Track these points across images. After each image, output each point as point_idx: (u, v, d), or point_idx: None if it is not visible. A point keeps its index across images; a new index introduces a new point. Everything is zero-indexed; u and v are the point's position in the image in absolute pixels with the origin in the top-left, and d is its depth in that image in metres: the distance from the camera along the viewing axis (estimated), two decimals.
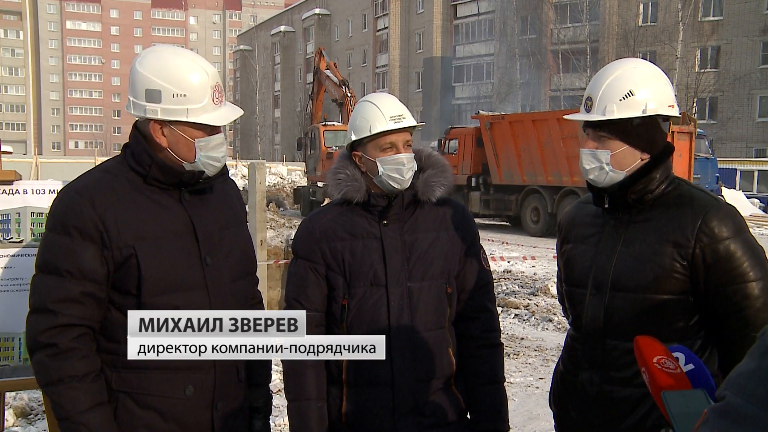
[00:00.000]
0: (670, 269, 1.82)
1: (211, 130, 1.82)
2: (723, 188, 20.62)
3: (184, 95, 1.76)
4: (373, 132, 1.98)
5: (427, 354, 2.00)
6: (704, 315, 1.85)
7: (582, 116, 1.92)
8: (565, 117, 2.20)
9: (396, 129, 1.98)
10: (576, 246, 2.04)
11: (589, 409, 1.95)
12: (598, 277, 1.93)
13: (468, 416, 2.11)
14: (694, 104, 33.41)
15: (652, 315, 1.84)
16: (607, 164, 1.88)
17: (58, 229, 1.74)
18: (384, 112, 1.99)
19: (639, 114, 1.85)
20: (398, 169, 1.98)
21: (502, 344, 2.17)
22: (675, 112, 1.91)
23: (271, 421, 2.16)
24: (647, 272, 1.84)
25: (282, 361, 2.05)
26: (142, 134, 1.82)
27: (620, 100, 1.85)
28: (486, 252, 2.19)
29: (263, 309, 2.14)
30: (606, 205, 1.94)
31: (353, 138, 2.03)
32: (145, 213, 1.78)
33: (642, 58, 2.31)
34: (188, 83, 1.76)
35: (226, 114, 1.83)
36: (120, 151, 1.88)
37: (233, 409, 1.92)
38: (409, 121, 2.01)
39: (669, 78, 2.17)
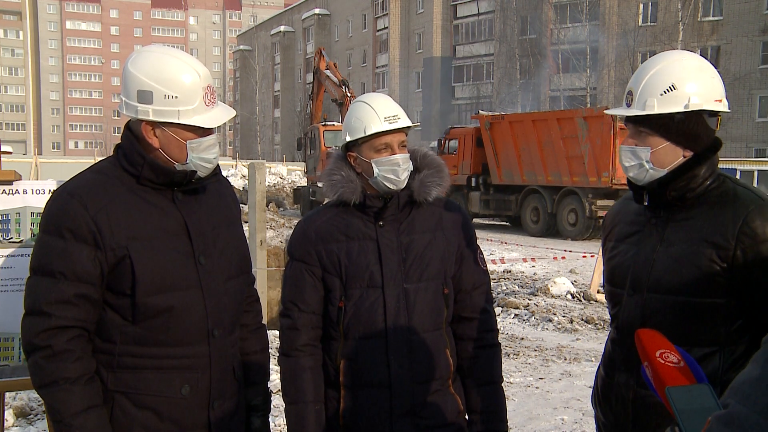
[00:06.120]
0: (709, 272, 1.72)
1: (203, 131, 1.81)
2: None
3: (176, 97, 1.74)
4: (368, 133, 1.96)
5: (424, 355, 1.99)
6: (748, 320, 1.75)
7: (621, 111, 1.84)
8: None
9: (391, 130, 1.97)
10: (617, 245, 1.96)
11: (624, 412, 1.90)
12: (636, 278, 1.85)
13: (466, 417, 2.10)
14: None
15: (691, 318, 1.75)
16: (647, 161, 1.79)
17: (51, 231, 1.73)
18: (378, 112, 1.97)
19: (681, 109, 1.74)
20: (393, 170, 1.97)
21: (500, 344, 2.16)
22: (723, 107, 1.78)
23: (270, 421, 2.15)
24: (685, 274, 1.75)
25: (279, 364, 2.05)
26: (134, 135, 1.80)
27: (661, 95, 1.75)
28: (485, 252, 2.18)
29: (260, 307, 2.14)
30: (645, 203, 1.86)
31: (348, 139, 2.01)
32: (138, 213, 1.77)
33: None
34: (180, 84, 1.75)
35: (218, 115, 1.81)
36: (113, 152, 1.87)
37: (230, 408, 1.92)
38: (404, 121, 2.00)
39: None
